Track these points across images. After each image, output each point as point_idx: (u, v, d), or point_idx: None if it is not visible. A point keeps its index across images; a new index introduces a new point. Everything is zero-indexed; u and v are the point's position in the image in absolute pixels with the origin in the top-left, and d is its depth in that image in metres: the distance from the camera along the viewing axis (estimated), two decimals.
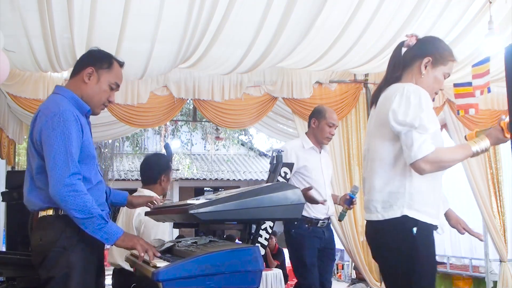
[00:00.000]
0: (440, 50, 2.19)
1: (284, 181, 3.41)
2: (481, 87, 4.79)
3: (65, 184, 2.02)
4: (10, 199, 4.19)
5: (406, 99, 1.99)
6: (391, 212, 2.01)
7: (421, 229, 1.99)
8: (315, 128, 3.85)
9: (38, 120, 2.19)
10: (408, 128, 1.96)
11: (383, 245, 2.07)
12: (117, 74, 2.35)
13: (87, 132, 2.24)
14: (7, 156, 5.80)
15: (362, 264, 5.77)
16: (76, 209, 2.03)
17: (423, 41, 2.20)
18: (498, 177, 6.29)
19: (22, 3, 3.69)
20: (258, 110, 5.66)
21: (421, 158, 1.92)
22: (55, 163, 2.05)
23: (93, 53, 2.38)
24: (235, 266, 1.94)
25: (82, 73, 2.29)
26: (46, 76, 5.12)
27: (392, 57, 2.24)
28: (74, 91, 2.28)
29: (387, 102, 2.06)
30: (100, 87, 2.29)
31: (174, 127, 14.10)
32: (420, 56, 2.15)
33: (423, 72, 2.14)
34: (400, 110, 1.98)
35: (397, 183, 2.02)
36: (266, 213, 2.03)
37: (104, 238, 2.08)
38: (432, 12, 4.24)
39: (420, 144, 1.93)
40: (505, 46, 1.98)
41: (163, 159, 3.47)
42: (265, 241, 3.52)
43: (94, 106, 2.32)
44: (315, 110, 3.97)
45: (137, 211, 3.22)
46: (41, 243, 2.14)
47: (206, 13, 3.96)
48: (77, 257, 2.12)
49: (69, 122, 2.11)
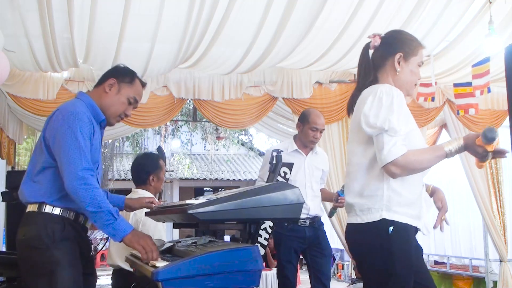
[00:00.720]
0: (408, 42, 2.15)
1: (283, 181, 3.41)
2: (481, 87, 4.79)
3: (78, 177, 2.09)
4: (10, 199, 4.20)
5: (378, 100, 1.96)
6: (370, 216, 1.99)
7: (397, 229, 1.96)
8: (299, 132, 3.92)
9: (54, 118, 2.25)
10: (378, 131, 1.93)
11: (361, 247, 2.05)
12: (137, 90, 2.44)
13: (97, 138, 2.31)
14: (7, 156, 5.81)
15: None
16: (87, 202, 2.08)
17: (388, 39, 2.17)
18: (498, 177, 6.29)
19: (22, 3, 3.69)
20: (258, 110, 5.66)
21: (391, 161, 1.90)
22: (69, 158, 2.12)
23: (118, 67, 2.49)
24: (235, 266, 1.94)
25: (104, 84, 2.39)
26: (46, 76, 5.12)
27: (361, 62, 2.19)
28: (94, 99, 2.36)
29: (361, 104, 2.04)
30: (119, 99, 2.38)
31: (174, 127, 14.10)
32: (391, 54, 2.12)
33: (398, 69, 2.11)
34: (371, 112, 1.95)
35: (374, 186, 2.00)
36: (265, 213, 2.03)
37: (112, 234, 2.12)
38: (432, 12, 4.24)
39: (390, 147, 1.90)
40: (505, 46, 1.97)
41: (151, 159, 3.43)
42: (265, 241, 3.52)
43: (110, 116, 2.39)
44: (301, 114, 4.03)
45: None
46: (24, 238, 2.18)
47: (206, 13, 3.96)
48: (61, 253, 2.14)
49: (83, 122, 2.20)
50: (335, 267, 10.52)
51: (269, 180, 3.45)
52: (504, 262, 6.12)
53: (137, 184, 3.39)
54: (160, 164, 3.37)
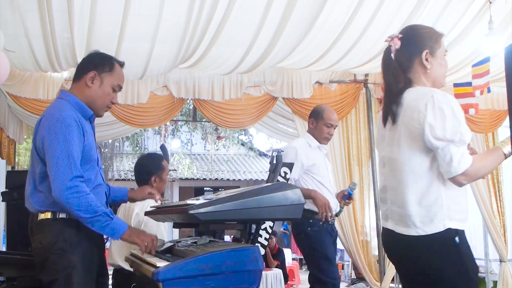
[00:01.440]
0: (429, 36, 2.09)
1: (284, 181, 3.41)
2: (481, 87, 4.79)
3: (68, 187, 2.07)
4: (10, 199, 4.19)
5: (440, 110, 1.89)
6: (433, 227, 1.93)
7: (461, 237, 1.95)
8: (313, 129, 3.80)
9: (41, 126, 2.22)
10: (446, 143, 1.88)
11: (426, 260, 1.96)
12: (119, 75, 2.38)
13: (89, 136, 2.27)
14: (7, 156, 5.81)
15: (362, 264, 5.78)
16: (81, 209, 2.07)
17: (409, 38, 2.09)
18: (498, 177, 6.30)
19: (22, 3, 3.69)
20: (258, 110, 5.67)
21: (461, 173, 1.87)
22: (58, 167, 2.09)
23: (93, 57, 2.40)
24: (235, 266, 1.94)
25: (84, 78, 2.32)
26: (46, 76, 5.12)
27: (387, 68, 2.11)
28: (77, 96, 2.31)
29: (414, 112, 1.96)
30: (104, 90, 2.32)
31: (174, 127, 14.10)
32: (417, 53, 2.06)
33: (428, 66, 2.05)
34: (437, 124, 1.88)
35: (433, 196, 1.95)
36: (266, 213, 2.03)
37: (111, 234, 2.14)
38: (432, 12, 4.24)
39: (459, 159, 1.87)
40: (505, 46, 1.97)
41: (154, 160, 3.40)
42: (265, 241, 3.52)
43: (98, 108, 2.35)
44: (313, 110, 3.90)
45: (135, 211, 3.22)
46: (41, 246, 2.18)
47: (206, 13, 3.96)
48: (77, 258, 2.15)
49: (70, 127, 2.15)
50: None
51: (269, 180, 3.44)
52: (504, 262, 6.12)
53: (139, 185, 3.38)
54: (162, 165, 3.34)
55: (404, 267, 2.09)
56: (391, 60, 2.08)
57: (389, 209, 2.09)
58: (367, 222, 5.88)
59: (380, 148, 2.19)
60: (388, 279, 5.76)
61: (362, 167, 5.84)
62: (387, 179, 2.13)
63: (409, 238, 1.98)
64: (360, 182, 5.84)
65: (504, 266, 6.12)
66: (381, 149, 2.18)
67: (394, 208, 2.05)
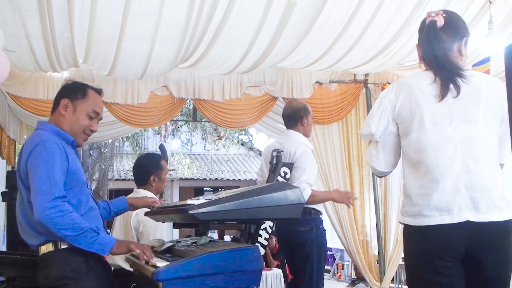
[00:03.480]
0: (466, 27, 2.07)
1: (284, 181, 3.41)
2: None
3: (49, 207, 2.02)
4: (10, 199, 4.19)
5: None
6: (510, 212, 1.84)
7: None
8: (305, 126, 3.75)
9: (23, 153, 2.20)
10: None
11: None
12: (94, 102, 2.34)
13: (74, 159, 2.24)
14: (7, 156, 5.80)
15: (362, 264, 5.77)
16: (66, 228, 2.03)
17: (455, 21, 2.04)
18: None
19: (22, 3, 3.69)
20: (258, 110, 5.67)
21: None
22: (40, 190, 2.05)
23: (66, 86, 2.42)
24: (235, 266, 1.94)
25: (58, 107, 2.31)
26: (46, 76, 5.12)
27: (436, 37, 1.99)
28: (55, 125, 2.29)
29: (499, 94, 1.88)
30: (78, 117, 2.29)
31: (174, 127, 14.10)
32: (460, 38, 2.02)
33: (463, 53, 2.02)
34: None
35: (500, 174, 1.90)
36: (266, 213, 2.04)
37: (99, 250, 2.09)
38: None
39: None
40: (505, 46, 1.97)
41: (153, 160, 3.41)
42: (265, 241, 3.52)
43: (74, 136, 2.31)
44: (300, 108, 3.77)
45: (135, 211, 3.22)
46: (48, 281, 2.13)
47: (206, 13, 3.96)
48: (91, 284, 2.12)
49: (51, 149, 2.12)
50: (335, 267, 10.52)
51: (269, 180, 3.44)
52: None
53: (138, 185, 3.38)
54: (161, 165, 3.35)
55: (500, 256, 1.84)
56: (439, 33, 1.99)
57: (466, 198, 1.82)
58: (367, 222, 5.88)
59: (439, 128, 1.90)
60: (388, 279, 5.76)
61: (362, 167, 5.84)
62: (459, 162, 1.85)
63: (502, 224, 1.82)
64: (360, 182, 5.84)
65: None
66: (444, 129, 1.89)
67: (478, 195, 1.81)
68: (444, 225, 1.82)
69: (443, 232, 1.83)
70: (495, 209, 1.81)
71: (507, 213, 1.80)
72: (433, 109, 1.90)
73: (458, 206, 1.81)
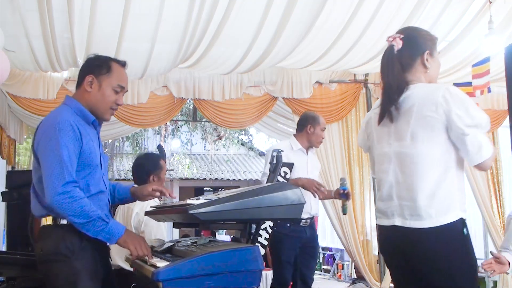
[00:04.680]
0: (429, 37, 2.16)
1: (284, 181, 3.41)
2: (481, 87, 4.79)
3: (60, 192, 2.03)
4: (10, 199, 4.19)
5: (460, 100, 1.96)
6: (447, 217, 1.95)
7: (467, 227, 1.99)
8: (310, 134, 3.94)
9: (38, 130, 2.21)
10: (474, 130, 1.94)
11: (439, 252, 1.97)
12: (119, 76, 2.32)
13: (89, 141, 2.21)
14: (7, 156, 5.81)
15: (362, 264, 5.78)
16: (75, 214, 2.03)
17: (412, 39, 2.14)
18: (498, 177, 6.30)
19: (22, 3, 3.69)
20: (258, 110, 5.67)
21: (490, 157, 1.96)
22: (51, 173, 2.06)
23: (90, 60, 2.37)
24: (235, 266, 1.94)
25: (83, 83, 2.29)
26: (46, 76, 5.12)
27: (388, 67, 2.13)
28: (80, 101, 2.27)
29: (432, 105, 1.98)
30: (104, 93, 2.27)
31: (174, 127, 14.10)
32: (420, 53, 2.12)
33: (428, 66, 2.12)
34: (461, 112, 1.94)
35: (448, 186, 1.99)
36: (266, 213, 2.03)
37: (106, 238, 2.09)
38: (432, 12, 4.24)
39: (486, 143, 1.95)
40: (505, 46, 1.97)
41: (152, 159, 3.41)
42: (265, 241, 3.52)
43: (101, 112, 2.30)
44: (309, 116, 4.03)
45: (135, 211, 3.22)
46: (42, 253, 2.15)
47: (206, 13, 3.96)
48: (82, 264, 2.10)
49: (64, 131, 2.11)
50: (335, 267, 10.52)
51: (269, 180, 3.44)
52: None
53: (138, 184, 3.38)
54: (160, 164, 3.36)
55: (413, 262, 2.05)
56: (393, 60, 2.11)
57: (397, 206, 2.07)
58: (367, 222, 5.88)
59: (381, 145, 2.17)
60: (388, 279, 5.76)
61: (362, 167, 5.85)
62: (393, 175, 2.10)
63: (422, 230, 1.98)
64: (360, 182, 5.84)
65: None
66: (383, 146, 2.16)
67: (405, 203, 2.03)
68: (384, 226, 2.13)
69: (383, 231, 2.16)
70: (418, 217, 1.99)
71: (428, 222, 1.97)
72: (378, 129, 2.19)
73: (391, 211, 2.09)
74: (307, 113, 4.21)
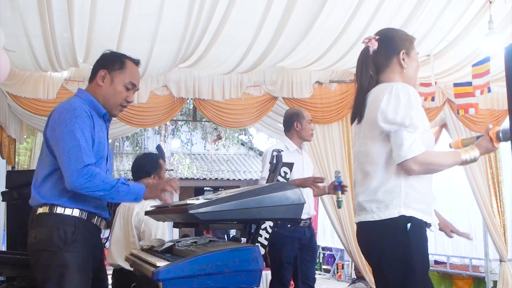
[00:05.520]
0: (405, 37, 2.18)
1: (284, 181, 3.41)
2: (481, 87, 4.79)
3: (81, 175, 2.06)
4: (10, 199, 4.19)
5: (395, 97, 1.97)
6: (387, 212, 1.99)
7: (414, 225, 1.98)
8: (299, 130, 3.96)
9: (51, 118, 2.23)
10: (397, 127, 1.94)
11: (377, 245, 2.03)
12: (132, 73, 2.36)
13: (99, 131, 2.26)
14: (7, 156, 5.80)
15: (362, 264, 5.78)
16: (98, 189, 2.08)
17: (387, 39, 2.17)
18: (498, 177, 6.29)
19: (22, 3, 3.69)
20: (258, 110, 5.66)
21: (411, 158, 1.92)
22: (69, 157, 2.08)
23: (105, 56, 2.40)
24: (235, 266, 1.94)
25: (96, 77, 2.32)
26: (46, 76, 5.11)
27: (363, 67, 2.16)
28: (92, 94, 2.31)
29: (376, 102, 2.03)
30: (115, 89, 2.31)
31: (174, 127, 14.11)
32: (395, 53, 2.14)
33: (404, 66, 2.13)
34: (389, 108, 1.95)
35: (392, 183, 2.00)
36: (266, 213, 2.03)
37: (134, 198, 2.16)
38: (432, 12, 4.25)
39: (410, 143, 1.92)
40: (505, 45, 1.97)
41: (151, 159, 3.42)
42: (265, 241, 3.52)
43: (111, 108, 2.34)
44: (292, 114, 4.06)
45: (136, 210, 3.22)
46: (35, 241, 2.15)
47: (206, 13, 3.96)
48: (72, 257, 2.11)
49: (80, 117, 2.15)
50: (335, 267, 10.52)
51: (269, 180, 3.44)
52: (504, 262, 6.12)
53: None
54: (160, 164, 3.37)
55: (366, 256, 2.16)
56: (367, 61, 2.16)
57: (356, 203, 2.17)
58: None
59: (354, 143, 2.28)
60: None
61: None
62: (356, 173, 2.20)
63: (365, 224, 2.07)
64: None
65: (504, 265, 6.12)
66: (354, 146, 2.27)
67: (358, 199, 2.13)
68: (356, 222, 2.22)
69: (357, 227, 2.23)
70: (364, 211, 2.09)
71: (370, 216, 2.04)
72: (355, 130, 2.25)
73: (355, 208, 2.20)
74: (289, 111, 4.25)
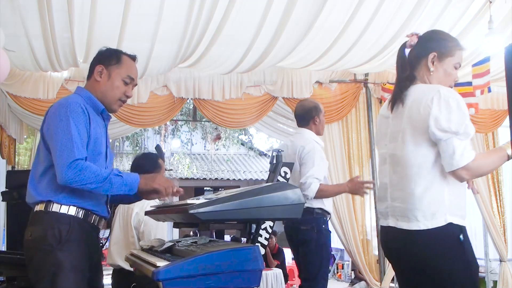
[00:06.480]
0: (443, 42, 2.13)
1: (284, 181, 3.41)
2: (481, 87, 4.79)
3: (71, 168, 2.04)
4: (10, 199, 4.19)
5: (445, 103, 1.92)
6: (435, 221, 1.94)
7: (464, 234, 1.96)
8: (317, 124, 3.77)
9: (47, 113, 2.23)
10: (450, 135, 1.90)
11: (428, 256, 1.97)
12: (129, 67, 2.36)
13: (96, 127, 2.25)
14: (7, 155, 5.80)
15: (362, 264, 5.78)
16: (90, 182, 2.05)
17: (424, 38, 2.15)
18: (498, 177, 6.30)
19: (22, 3, 3.69)
20: (258, 110, 5.67)
21: (463, 166, 1.89)
22: (62, 152, 2.08)
23: (101, 52, 2.41)
24: (235, 266, 1.94)
25: (93, 73, 2.33)
26: (46, 76, 5.12)
27: (398, 59, 2.18)
28: (90, 91, 2.32)
29: (420, 106, 1.98)
30: (113, 83, 2.32)
31: (174, 127, 14.09)
32: (425, 54, 2.10)
33: (432, 69, 2.09)
34: (442, 116, 1.91)
35: (437, 190, 1.97)
36: (266, 213, 2.03)
37: (129, 190, 2.13)
38: (432, 12, 4.24)
39: (462, 151, 1.90)
40: (505, 45, 1.97)
41: (150, 159, 3.41)
42: (265, 241, 3.52)
43: (109, 102, 2.34)
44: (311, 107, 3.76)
45: (135, 211, 3.22)
46: (30, 238, 2.14)
47: (206, 13, 3.96)
48: (65, 256, 2.08)
49: (74, 112, 2.15)
50: (335, 267, 10.52)
51: (269, 180, 3.44)
52: (504, 262, 6.12)
53: None
54: (159, 164, 3.36)
55: (404, 263, 2.09)
56: (403, 54, 2.16)
57: (390, 206, 2.10)
58: (367, 221, 5.88)
59: (381, 145, 2.21)
60: (388, 279, 5.76)
61: (363, 167, 5.85)
62: (388, 176, 2.13)
63: (411, 233, 1.99)
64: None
65: (504, 265, 6.12)
66: (382, 146, 2.19)
67: (396, 204, 2.06)
68: (382, 226, 2.20)
69: (383, 232, 2.20)
70: (406, 219, 2.02)
71: (414, 224, 1.98)
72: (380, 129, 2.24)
73: (386, 212, 2.14)
74: (306, 103, 3.88)
